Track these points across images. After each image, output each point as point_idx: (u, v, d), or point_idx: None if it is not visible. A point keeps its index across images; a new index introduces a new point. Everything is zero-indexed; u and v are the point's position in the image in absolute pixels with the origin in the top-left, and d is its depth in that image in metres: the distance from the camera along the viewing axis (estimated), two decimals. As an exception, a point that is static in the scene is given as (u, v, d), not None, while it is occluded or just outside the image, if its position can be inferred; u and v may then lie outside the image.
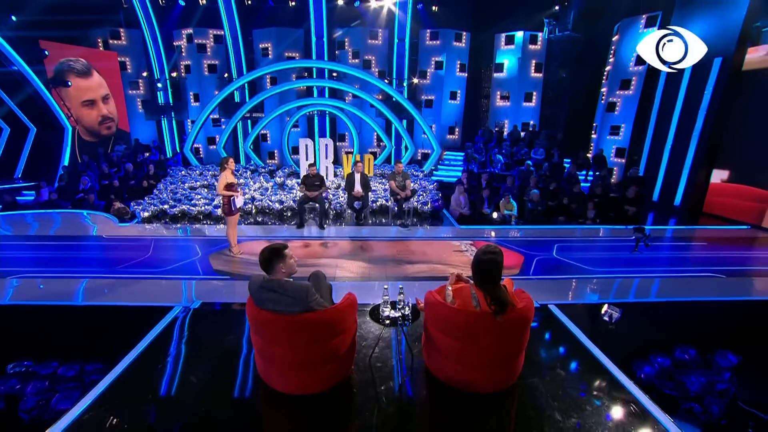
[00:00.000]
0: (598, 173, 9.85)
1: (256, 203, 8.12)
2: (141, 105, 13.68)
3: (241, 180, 9.53)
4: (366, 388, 2.68)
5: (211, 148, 13.67)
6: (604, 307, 3.91)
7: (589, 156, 11.71)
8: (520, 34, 13.02)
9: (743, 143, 8.24)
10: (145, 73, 13.68)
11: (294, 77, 12.82)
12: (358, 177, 7.47)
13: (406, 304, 2.85)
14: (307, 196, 7.18)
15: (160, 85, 13.47)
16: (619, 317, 3.75)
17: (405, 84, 13.46)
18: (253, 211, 8.05)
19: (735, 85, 8.24)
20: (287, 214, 8.00)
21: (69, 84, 11.24)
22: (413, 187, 8.00)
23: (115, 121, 12.64)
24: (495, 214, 7.70)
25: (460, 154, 12.60)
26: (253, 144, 12.26)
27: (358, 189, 7.46)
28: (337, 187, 9.25)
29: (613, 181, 10.66)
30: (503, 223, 7.60)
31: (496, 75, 13.74)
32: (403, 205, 7.43)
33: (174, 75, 13.82)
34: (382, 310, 2.84)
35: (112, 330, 3.78)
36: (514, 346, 2.54)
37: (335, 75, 12.34)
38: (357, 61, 13.30)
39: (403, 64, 13.39)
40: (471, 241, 6.50)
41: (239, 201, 5.66)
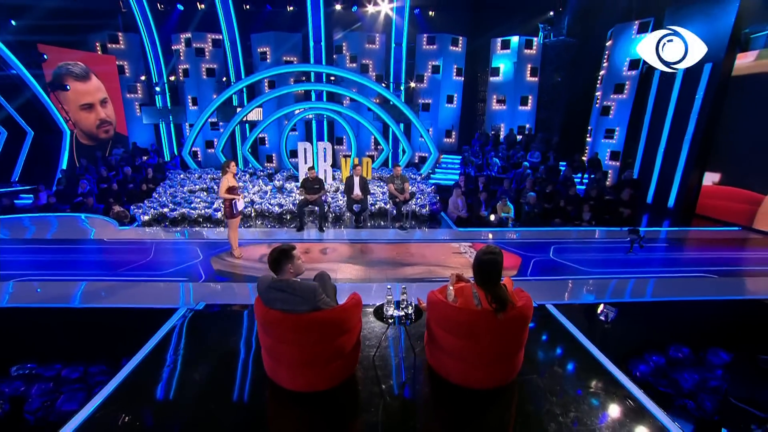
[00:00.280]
0: (593, 176, 9.94)
1: (255, 206, 8.17)
2: (139, 108, 13.69)
3: (240, 183, 9.55)
4: (370, 385, 2.75)
5: (209, 151, 13.69)
6: (600, 307, 4.00)
7: (585, 159, 11.84)
8: (515, 39, 13.15)
9: (734, 147, 8.39)
10: (143, 77, 13.70)
11: (292, 81, 12.90)
12: (357, 180, 7.54)
13: (409, 304, 2.94)
14: (306, 200, 7.25)
15: (158, 88, 13.49)
16: (614, 316, 3.84)
17: (402, 88, 13.56)
18: (253, 214, 8.09)
19: (725, 90, 8.41)
20: (287, 217, 8.05)
21: (67, 88, 11.23)
22: (411, 190, 8.08)
23: (113, 125, 12.63)
24: (492, 217, 7.79)
25: (457, 158, 12.68)
26: (251, 147, 12.29)
27: (358, 192, 7.54)
28: (336, 190, 9.32)
29: (608, 183, 10.79)
30: (500, 225, 7.69)
31: (492, 79, 13.85)
32: (402, 207, 7.52)
33: (172, 79, 13.84)
34: (386, 310, 2.91)
35: (115, 332, 3.83)
36: (514, 343, 2.62)
37: (333, 79, 12.42)
38: (354, 65, 13.40)
39: (400, 68, 13.46)
40: (470, 243, 6.60)
41: (240, 204, 5.73)
